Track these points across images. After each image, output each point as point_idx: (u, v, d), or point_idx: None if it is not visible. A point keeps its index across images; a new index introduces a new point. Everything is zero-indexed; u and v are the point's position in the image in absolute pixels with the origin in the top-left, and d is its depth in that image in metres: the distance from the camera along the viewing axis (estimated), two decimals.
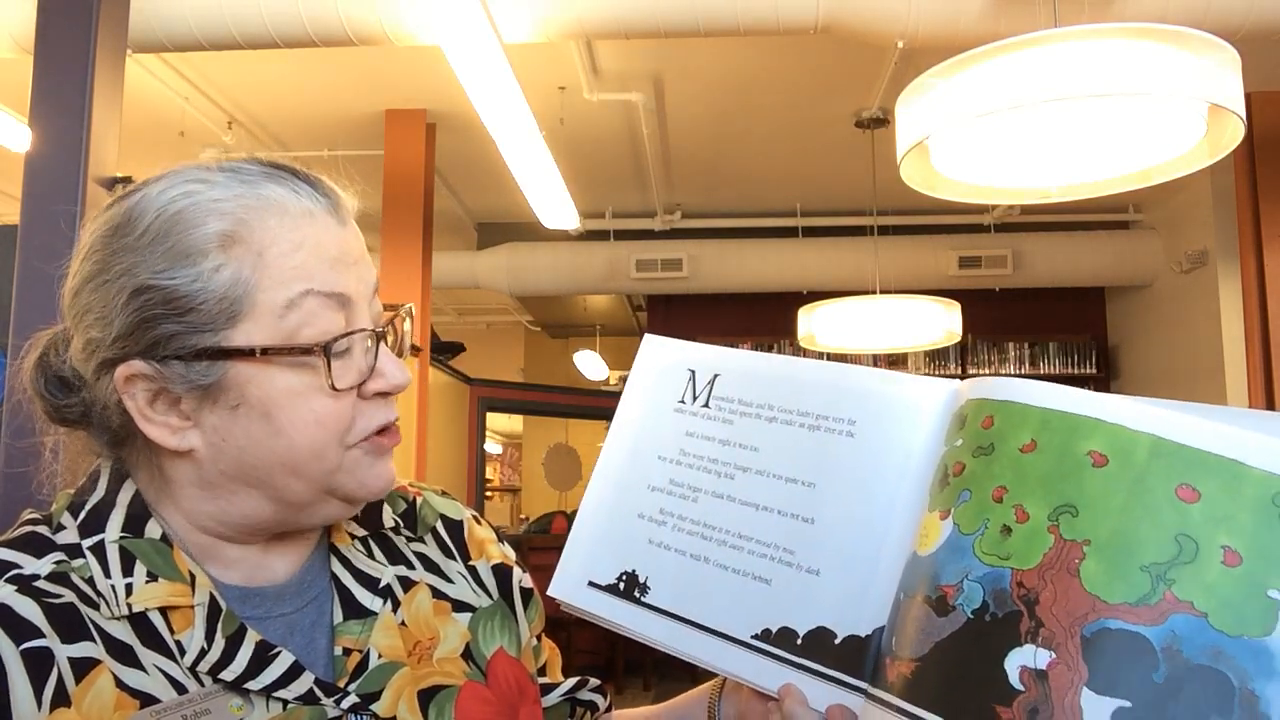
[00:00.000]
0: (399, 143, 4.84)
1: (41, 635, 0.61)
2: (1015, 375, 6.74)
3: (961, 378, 0.66)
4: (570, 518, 7.74)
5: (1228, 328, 5.34)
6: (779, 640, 0.67)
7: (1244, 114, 2.11)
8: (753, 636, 0.67)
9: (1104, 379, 6.78)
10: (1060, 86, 2.08)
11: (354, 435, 0.69)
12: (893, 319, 4.56)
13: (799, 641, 0.66)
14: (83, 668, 0.61)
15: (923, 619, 0.59)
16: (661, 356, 0.79)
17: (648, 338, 0.81)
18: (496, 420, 10.46)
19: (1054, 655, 0.52)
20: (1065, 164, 2.47)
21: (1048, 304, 6.78)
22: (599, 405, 7.16)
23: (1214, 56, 2.03)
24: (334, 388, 0.66)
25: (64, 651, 0.61)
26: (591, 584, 0.75)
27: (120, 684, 0.62)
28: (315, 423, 0.66)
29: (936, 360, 6.81)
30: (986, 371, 6.81)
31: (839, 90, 4.76)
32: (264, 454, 0.66)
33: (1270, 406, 4.25)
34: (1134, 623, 0.51)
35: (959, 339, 4.75)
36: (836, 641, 0.65)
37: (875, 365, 6.89)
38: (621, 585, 0.73)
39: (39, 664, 0.60)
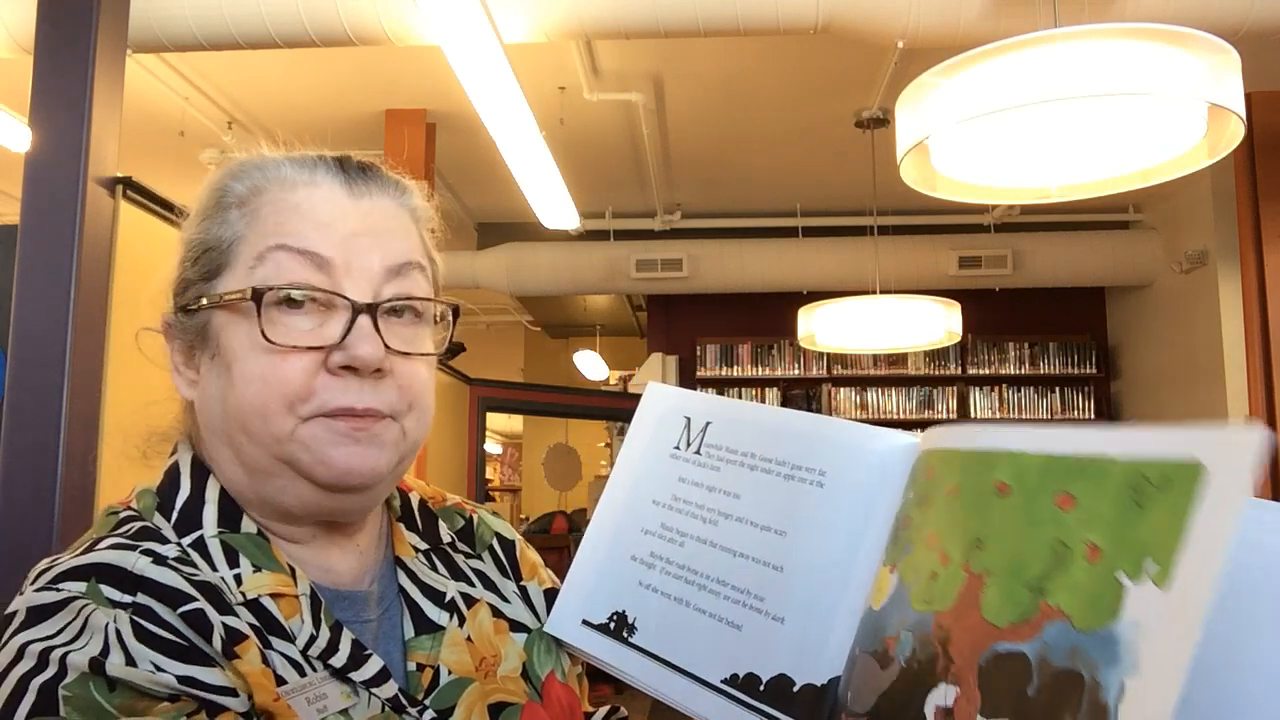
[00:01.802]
0: (399, 143, 4.84)
1: (195, 600, 0.61)
2: (1015, 375, 6.76)
3: (962, 377, 0.66)
4: (570, 518, 7.71)
5: (1228, 328, 5.34)
6: (745, 685, 0.68)
7: (1244, 114, 2.11)
8: (722, 681, 0.69)
9: (1104, 379, 6.79)
10: (1060, 86, 2.08)
11: (309, 407, 0.65)
12: (893, 319, 4.56)
13: (762, 688, 0.67)
14: (235, 638, 0.61)
15: (870, 673, 0.59)
16: (662, 403, 0.81)
17: (650, 385, 0.83)
18: (496, 420, 10.47)
19: (959, 689, 0.53)
20: (1065, 164, 2.47)
21: (1048, 304, 6.78)
22: (599, 405, 7.15)
23: (1214, 56, 2.03)
24: (265, 336, 0.64)
25: (218, 619, 0.61)
26: (585, 622, 0.77)
27: (263, 660, 0.62)
28: (260, 378, 0.65)
29: (936, 360, 6.81)
30: (986, 371, 6.81)
31: (839, 90, 4.76)
32: (226, 407, 0.67)
33: (1270, 406, 4.25)
34: (1015, 641, 0.51)
35: (959, 339, 4.76)
36: (795, 689, 0.66)
37: (875, 365, 6.89)
38: (612, 625, 0.75)
39: (201, 623, 0.61)
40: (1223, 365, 5.37)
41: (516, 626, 0.79)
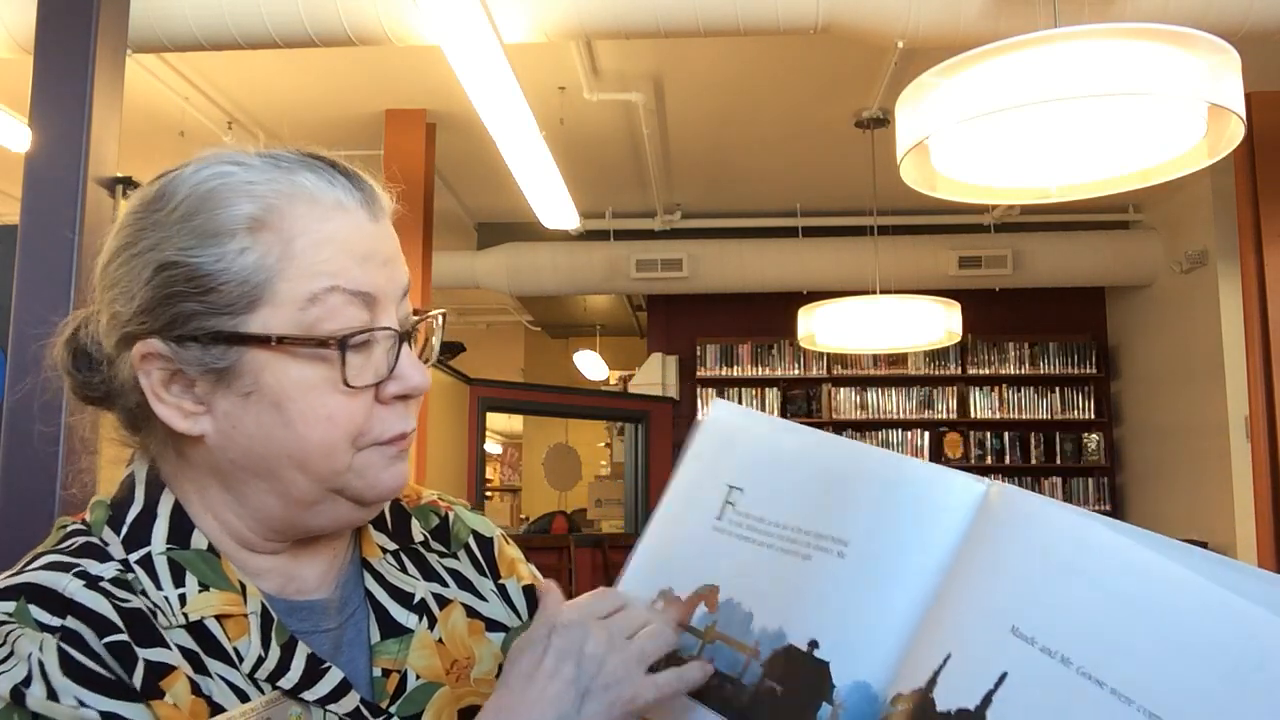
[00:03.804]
0: (399, 143, 4.84)
1: (121, 631, 0.60)
2: (1015, 375, 6.75)
3: (962, 377, 0.64)
4: (570, 518, 7.67)
5: (1228, 328, 5.34)
6: None
7: (1244, 114, 2.11)
8: None
9: (1104, 379, 6.79)
10: (1060, 86, 2.08)
11: (367, 439, 0.66)
12: (893, 319, 4.56)
13: None
14: (160, 672, 0.60)
15: None
16: (716, 435, 0.77)
17: (716, 406, 0.79)
18: (496, 420, 10.46)
19: None
20: (1065, 164, 2.47)
21: (1048, 304, 6.78)
22: (599, 405, 7.16)
23: (1214, 56, 2.03)
24: (348, 384, 0.64)
25: (142, 653, 0.60)
26: None
27: (194, 689, 0.61)
28: (327, 419, 0.64)
29: (936, 360, 6.81)
30: (986, 371, 6.80)
31: (839, 90, 4.76)
32: (273, 445, 0.65)
33: (1270, 406, 4.25)
34: None
35: (959, 339, 4.75)
36: None
37: (875, 365, 6.89)
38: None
39: (125, 656, 0.59)
40: (1223, 365, 5.37)
41: (494, 626, 0.78)
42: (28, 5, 3.19)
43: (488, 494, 8.88)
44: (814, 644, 0.65)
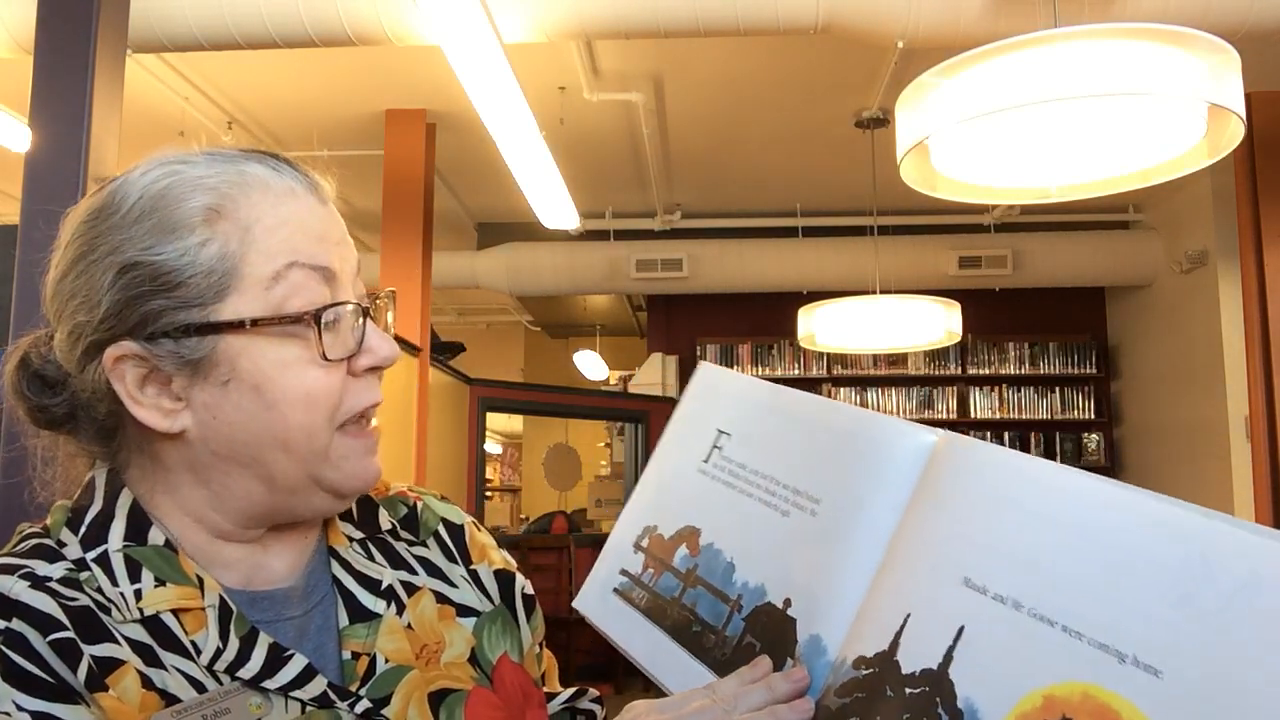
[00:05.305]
0: (399, 143, 4.84)
1: (66, 628, 0.60)
2: (1015, 375, 6.75)
3: (962, 377, 0.65)
4: (570, 518, 7.65)
5: (1228, 328, 5.34)
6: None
7: (1244, 114, 2.11)
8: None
9: (1104, 379, 6.79)
10: (1060, 86, 2.08)
11: (343, 413, 0.68)
12: (893, 319, 4.56)
13: None
14: (108, 666, 0.61)
15: None
16: (707, 386, 0.80)
17: (702, 368, 0.81)
18: (496, 420, 10.47)
19: None
20: (1065, 164, 2.47)
21: (1048, 304, 6.78)
22: (599, 405, 7.15)
23: (1214, 56, 2.03)
24: (325, 357, 0.66)
25: (88, 650, 0.60)
26: (616, 590, 0.77)
27: (145, 683, 0.61)
28: (306, 396, 0.66)
29: (936, 360, 6.81)
30: (986, 371, 6.80)
31: (839, 90, 4.76)
32: (256, 429, 0.66)
33: (1270, 406, 4.25)
34: None
35: (959, 339, 4.76)
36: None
37: (875, 365, 6.89)
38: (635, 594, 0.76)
39: (69, 653, 0.60)
40: (1223, 365, 5.37)
41: (464, 611, 0.79)
42: (28, 5, 3.19)
43: (488, 494, 8.88)
44: (788, 602, 0.66)
